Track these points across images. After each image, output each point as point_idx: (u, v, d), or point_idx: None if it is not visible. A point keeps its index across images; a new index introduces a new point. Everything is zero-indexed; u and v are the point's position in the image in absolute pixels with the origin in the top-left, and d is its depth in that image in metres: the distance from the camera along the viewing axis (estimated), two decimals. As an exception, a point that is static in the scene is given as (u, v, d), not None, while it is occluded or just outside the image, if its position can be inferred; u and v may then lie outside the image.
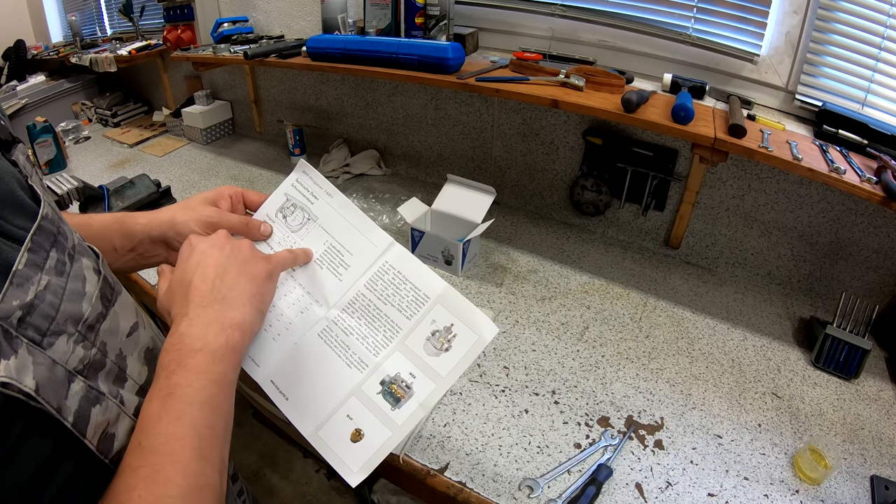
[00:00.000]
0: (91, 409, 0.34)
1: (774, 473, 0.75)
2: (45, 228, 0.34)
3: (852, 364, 0.92)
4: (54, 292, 0.33)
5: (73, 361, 0.34)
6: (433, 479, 0.73)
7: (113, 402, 0.37)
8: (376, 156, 1.62)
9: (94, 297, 0.37)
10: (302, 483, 1.57)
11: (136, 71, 2.12)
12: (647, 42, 1.17)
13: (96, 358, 0.36)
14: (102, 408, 0.35)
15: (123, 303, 0.42)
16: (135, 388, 0.40)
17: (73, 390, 0.33)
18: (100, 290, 0.38)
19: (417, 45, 1.13)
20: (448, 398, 0.85)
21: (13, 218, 0.33)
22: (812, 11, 0.99)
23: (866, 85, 1.00)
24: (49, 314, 0.32)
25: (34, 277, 0.32)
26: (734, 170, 1.11)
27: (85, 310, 0.36)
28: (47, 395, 0.31)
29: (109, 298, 0.40)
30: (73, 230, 0.40)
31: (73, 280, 0.35)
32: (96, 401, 0.35)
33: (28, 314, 0.31)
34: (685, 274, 1.19)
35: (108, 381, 0.37)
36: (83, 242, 0.40)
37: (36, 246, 0.33)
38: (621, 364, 0.93)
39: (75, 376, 0.34)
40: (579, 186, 1.30)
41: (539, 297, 1.09)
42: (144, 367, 0.42)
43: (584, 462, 0.75)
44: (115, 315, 0.40)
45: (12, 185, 0.34)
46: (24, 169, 0.37)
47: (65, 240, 0.36)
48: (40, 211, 0.34)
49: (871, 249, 1.05)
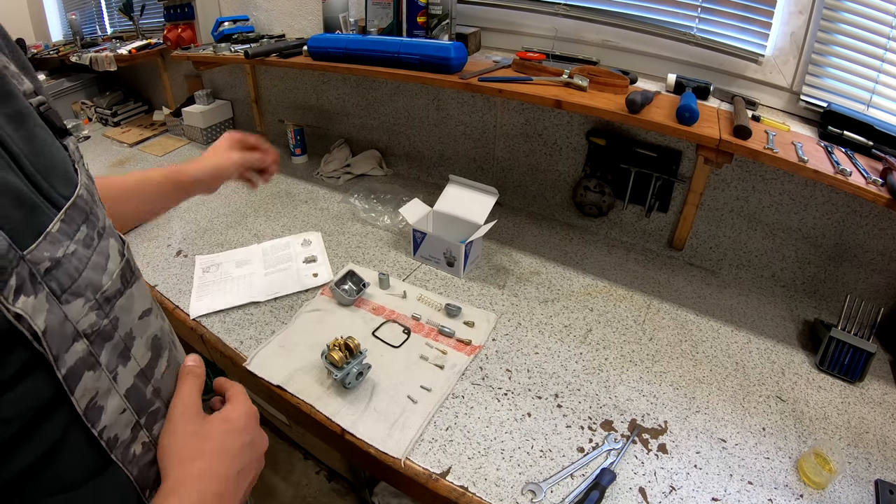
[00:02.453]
0: (85, 373, 0.36)
1: (779, 478, 0.75)
2: (79, 205, 0.38)
3: (857, 367, 0.91)
4: (80, 259, 0.36)
5: (83, 324, 0.36)
6: (435, 484, 0.72)
7: (107, 375, 0.38)
8: (378, 156, 1.61)
9: (114, 274, 0.40)
10: (302, 485, 1.56)
11: (136, 70, 2.11)
12: (651, 42, 1.16)
13: (106, 328, 0.38)
14: (95, 375, 0.37)
15: (140, 288, 0.44)
16: (135, 370, 0.42)
17: (75, 349, 0.35)
18: (121, 270, 0.41)
19: (419, 45, 1.13)
20: (450, 401, 0.84)
21: (60, 187, 0.37)
22: (817, 12, 0.98)
23: (871, 86, 0.99)
24: (72, 275, 0.35)
25: (64, 242, 0.35)
26: (738, 171, 1.10)
27: (105, 282, 0.38)
28: (52, 340, 0.33)
29: (128, 280, 0.42)
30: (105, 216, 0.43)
31: (98, 254, 0.38)
32: (92, 366, 0.36)
33: (55, 267, 0.34)
34: (689, 276, 1.18)
35: (112, 354, 0.39)
36: (113, 228, 0.43)
37: (69, 218, 0.36)
38: (625, 367, 0.92)
39: (81, 337, 0.36)
40: (582, 187, 1.29)
41: (542, 300, 1.08)
42: (148, 352, 0.44)
43: (588, 466, 0.75)
44: (131, 295, 0.42)
45: (65, 159, 0.39)
46: (72, 155, 0.41)
47: (96, 220, 0.40)
48: (76, 190, 0.38)
49: (876, 252, 1.04)
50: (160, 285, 1.12)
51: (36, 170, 0.35)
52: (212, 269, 1.16)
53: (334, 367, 0.81)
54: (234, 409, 0.50)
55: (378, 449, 0.76)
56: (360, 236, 1.29)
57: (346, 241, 1.26)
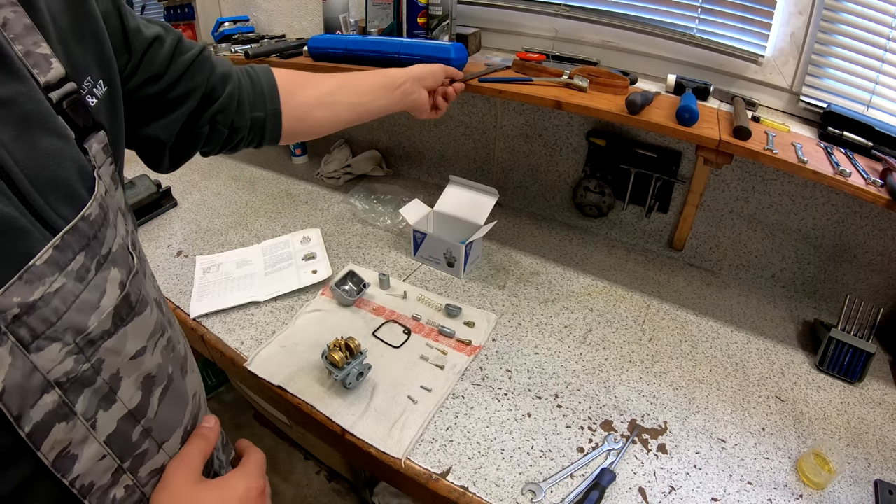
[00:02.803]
0: (55, 425, 0.32)
1: (778, 478, 0.75)
2: (80, 230, 0.33)
3: (856, 367, 0.91)
4: (63, 298, 0.32)
5: (56, 372, 0.32)
6: (435, 484, 0.73)
7: (83, 423, 0.35)
8: (378, 156, 1.61)
9: (105, 313, 0.35)
10: (303, 485, 1.56)
11: (136, 70, 2.11)
12: (651, 43, 1.16)
13: (86, 374, 0.34)
14: (68, 426, 0.33)
15: (139, 324, 0.40)
16: (121, 411, 0.38)
17: (44, 401, 0.31)
18: (115, 308, 0.36)
19: (420, 46, 1.13)
20: (450, 402, 0.84)
21: (59, 206, 0.32)
22: (817, 12, 0.98)
23: (871, 86, 0.99)
24: (49, 319, 0.31)
25: (48, 278, 0.31)
26: (738, 172, 1.10)
27: (91, 323, 0.34)
28: (9, 400, 0.29)
29: (124, 318, 0.38)
30: (120, 234, 0.38)
31: (90, 290, 0.34)
32: (64, 418, 0.33)
33: (26, 314, 0.30)
34: (689, 276, 1.18)
35: (92, 400, 0.35)
36: (124, 251, 0.39)
37: (65, 245, 0.32)
38: (624, 367, 0.92)
39: (52, 388, 0.32)
40: (582, 188, 1.29)
41: (542, 300, 1.08)
42: (139, 391, 0.40)
43: (587, 466, 0.75)
44: (123, 335, 0.38)
45: (68, 172, 0.33)
46: (93, 158, 0.36)
47: (99, 246, 0.35)
48: (84, 209, 0.34)
49: (875, 252, 1.04)
50: (161, 285, 1.12)
51: (34, 186, 0.31)
52: (212, 269, 1.16)
53: (335, 368, 0.81)
54: (236, 479, 0.47)
55: (378, 449, 0.76)
56: (360, 237, 1.29)
57: (346, 242, 1.27)
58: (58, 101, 0.34)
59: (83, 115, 0.36)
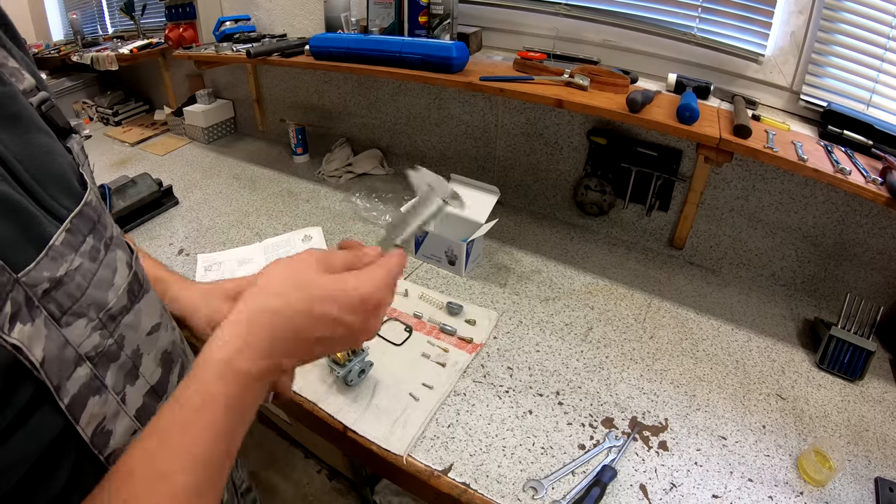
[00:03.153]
0: (90, 398, 0.34)
1: (779, 475, 0.75)
2: (85, 214, 0.35)
3: (857, 365, 0.91)
4: (84, 275, 0.34)
5: (86, 346, 0.34)
6: (437, 480, 0.73)
7: (114, 397, 0.36)
8: (379, 155, 1.62)
9: (121, 290, 0.37)
10: (303, 484, 1.56)
11: (137, 69, 2.11)
12: (652, 42, 1.16)
13: (111, 349, 0.36)
14: (101, 399, 0.35)
15: (149, 301, 0.42)
16: (145, 387, 0.40)
17: (78, 374, 0.33)
18: (128, 284, 0.38)
19: (421, 45, 1.13)
20: (452, 399, 0.84)
21: (59, 197, 0.34)
22: (817, 11, 0.98)
23: (871, 85, 0.99)
24: (74, 294, 0.33)
25: (68, 256, 0.33)
26: (739, 170, 1.11)
27: (110, 299, 0.36)
28: (50, 370, 0.30)
29: (136, 294, 0.40)
30: (114, 224, 0.40)
31: (104, 268, 0.36)
32: (97, 391, 0.34)
33: (54, 288, 0.31)
34: (689, 274, 1.19)
35: (119, 374, 0.37)
36: (121, 237, 0.41)
37: (75, 228, 0.34)
38: (625, 365, 0.93)
39: (84, 361, 0.33)
40: (583, 186, 1.30)
41: (543, 298, 1.08)
42: (159, 368, 0.42)
43: (589, 463, 0.75)
44: (138, 311, 0.39)
45: (63, 167, 0.36)
46: (76, 157, 0.39)
47: (104, 229, 0.37)
48: (84, 197, 0.36)
49: (875, 251, 1.04)
50: (162, 284, 1.12)
51: (35, 180, 0.32)
52: (214, 267, 1.16)
53: (336, 365, 0.82)
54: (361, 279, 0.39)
55: (380, 446, 0.76)
56: (361, 235, 1.29)
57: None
58: (37, 106, 0.36)
59: (60, 118, 0.39)
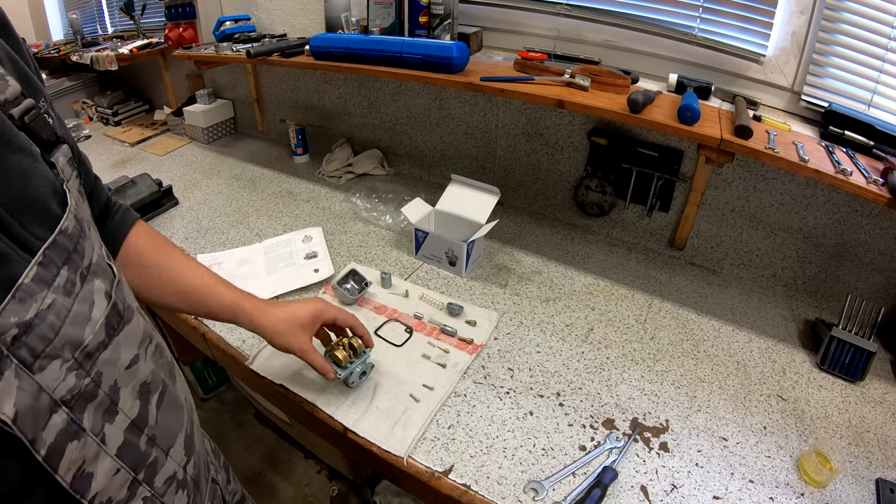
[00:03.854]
0: (67, 444, 0.32)
1: (780, 476, 0.75)
2: (60, 244, 0.33)
3: (858, 366, 0.91)
4: (57, 313, 0.31)
5: (61, 390, 0.32)
6: (437, 482, 0.73)
7: (93, 439, 0.34)
8: (379, 155, 1.61)
9: (98, 324, 0.35)
10: (303, 484, 1.56)
11: (137, 69, 2.11)
12: (653, 42, 1.16)
13: (88, 388, 0.34)
14: (80, 444, 0.33)
15: (129, 332, 0.39)
16: (125, 423, 0.38)
17: (54, 422, 0.31)
18: (106, 318, 0.36)
19: (421, 45, 1.13)
20: (452, 400, 0.84)
21: (32, 226, 0.32)
22: (818, 11, 0.98)
23: (872, 86, 0.99)
24: (47, 336, 0.30)
25: (39, 294, 0.30)
26: (740, 171, 1.11)
27: (87, 336, 0.34)
28: (24, 424, 0.29)
29: (115, 327, 0.37)
30: (97, 245, 0.38)
31: (80, 302, 0.34)
32: (75, 436, 0.33)
33: (24, 333, 0.29)
34: (690, 275, 1.19)
35: (97, 414, 0.35)
36: (103, 260, 0.38)
37: (47, 261, 0.31)
38: (626, 366, 0.92)
39: (59, 407, 0.31)
40: (584, 187, 1.29)
41: (543, 299, 1.08)
42: (137, 400, 0.40)
43: (589, 464, 0.75)
44: (117, 345, 0.37)
45: (41, 191, 0.33)
46: (61, 172, 0.36)
47: (80, 258, 0.35)
48: (60, 223, 0.33)
49: (876, 251, 1.04)
50: (162, 284, 1.12)
51: (6, 209, 0.30)
52: (214, 268, 1.16)
53: (338, 367, 0.81)
54: None
55: (380, 447, 0.76)
56: (362, 235, 1.29)
57: (348, 241, 1.27)
58: (19, 117, 0.34)
59: (45, 129, 0.36)
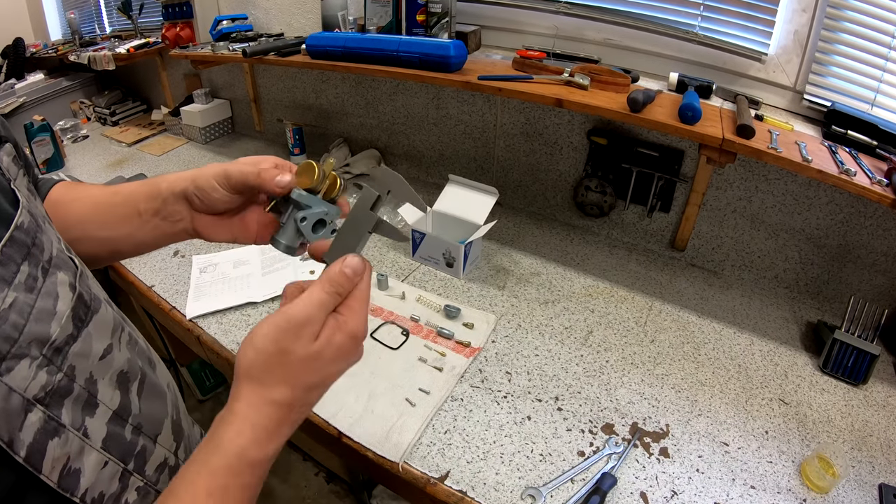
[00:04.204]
0: (48, 443, 0.31)
1: (782, 482, 0.74)
2: (17, 239, 0.32)
3: (860, 369, 0.90)
4: (20, 311, 0.31)
5: (33, 388, 0.31)
6: (433, 488, 0.72)
7: (75, 434, 0.34)
8: (377, 155, 1.60)
9: (64, 317, 0.34)
10: (301, 487, 1.55)
11: (134, 69, 2.10)
12: (653, 40, 1.15)
13: (62, 384, 0.33)
14: (62, 440, 0.32)
15: (99, 322, 0.38)
16: (107, 415, 0.37)
17: (30, 421, 0.30)
18: (72, 310, 0.35)
19: (419, 43, 1.12)
20: (449, 404, 0.83)
21: None
22: (821, 10, 0.97)
23: (875, 84, 0.98)
24: (11, 336, 0.30)
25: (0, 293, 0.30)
26: (741, 171, 1.09)
27: (53, 331, 0.33)
28: None
29: (83, 318, 0.36)
30: (55, 239, 0.37)
31: (43, 297, 0.33)
32: (55, 433, 0.32)
33: None
34: (691, 277, 1.17)
35: (75, 408, 0.34)
36: (63, 253, 0.37)
37: (6, 258, 0.31)
38: (626, 369, 0.91)
39: (34, 405, 0.31)
40: (583, 187, 1.28)
41: (542, 301, 1.07)
42: (116, 391, 0.39)
43: (588, 470, 0.74)
44: (87, 336, 0.36)
45: None
46: (6, 172, 0.36)
47: (40, 252, 0.34)
48: (15, 219, 0.32)
49: (880, 253, 1.03)
50: (157, 286, 1.11)
51: None
52: (209, 269, 1.15)
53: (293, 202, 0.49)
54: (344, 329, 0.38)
55: (376, 452, 0.75)
56: (358, 236, 1.28)
57: (344, 242, 1.25)
58: None
59: None
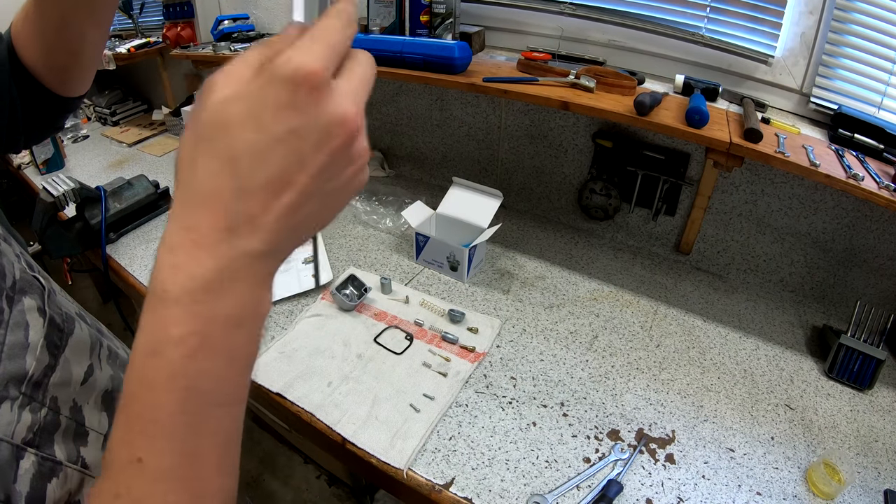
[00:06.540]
0: (47, 486, 0.29)
1: (787, 488, 0.73)
2: None
3: (866, 374, 0.90)
4: None
5: (20, 431, 0.28)
6: (438, 495, 0.71)
7: (73, 468, 0.32)
8: (380, 157, 1.60)
9: (39, 348, 0.32)
10: (302, 489, 1.55)
11: (135, 69, 2.09)
12: (659, 42, 1.14)
13: (48, 419, 0.31)
14: (60, 480, 0.30)
15: (76, 344, 0.36)
16: (98, 440, 0.35)
17: (24, 468, 0.28)
18: (45, 337, 0.32)
19: (422, 44, 1.11)
20: (453, 410, 0.83)
21: None
22: (828, 12, 0.96)
23: (883, 88, 0.97)
24: None
25: None
26: (747, 174, 1.09)
27: (29, 365, 0.30)
28: None
29: (58, 344, 0.34)
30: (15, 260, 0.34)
31: (13, 330, 0.30)
32: (52, 473, 0.30)
33: None
34: (696, 281, 1.17)
35: (65, 441, 0.32)
36: (27, 273, 0.34)
37: None
38: (631, 375, 0.91)
39: (24, 450, 0.28)
40: (588, 190, 1.28)
41: (547, 305, 1.06)
42: (103, 413, 0.37)
43: (594, 477, 0.73)
44: (65, 363, 0.34)
45: None
46: None
47: (1, 279, 0.31)
48: None
49: (886, 257, 1.03)
50: (159, 288, 1.10)
51: None
52: (211, 272, 1.14)
53: None
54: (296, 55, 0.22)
55: (380, 459, 0.75)
56: (361, 239, 1.27)
57: (347, 245, 1.25)
58: None
59: None
